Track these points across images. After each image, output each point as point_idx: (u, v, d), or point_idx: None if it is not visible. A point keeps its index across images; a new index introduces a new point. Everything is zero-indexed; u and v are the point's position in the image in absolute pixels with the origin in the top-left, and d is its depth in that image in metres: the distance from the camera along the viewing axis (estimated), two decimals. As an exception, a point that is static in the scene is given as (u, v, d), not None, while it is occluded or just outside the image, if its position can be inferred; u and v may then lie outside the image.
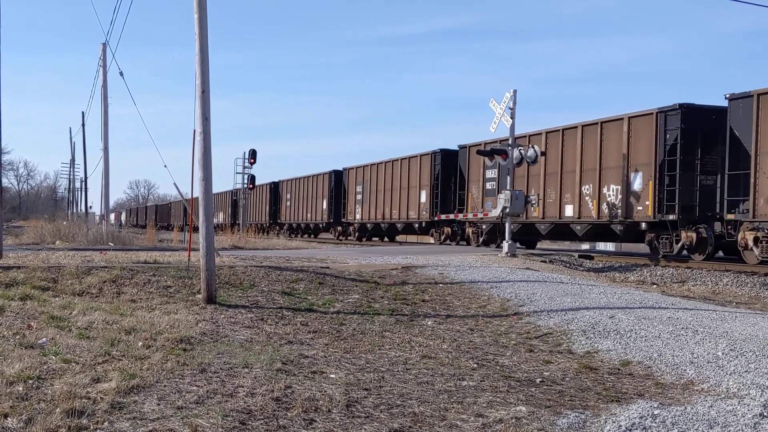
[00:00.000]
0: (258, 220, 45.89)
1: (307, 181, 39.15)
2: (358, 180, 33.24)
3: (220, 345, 6.64)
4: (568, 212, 19.72)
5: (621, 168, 17.70)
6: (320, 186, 37.35)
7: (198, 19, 9.33)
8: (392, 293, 10.25)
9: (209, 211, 9.45)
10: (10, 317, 7.47)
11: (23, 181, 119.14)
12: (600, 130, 18.47)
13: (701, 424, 4.38)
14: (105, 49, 26.58)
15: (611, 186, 18.17)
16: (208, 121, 9.31)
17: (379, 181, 31.11)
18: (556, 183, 20.17)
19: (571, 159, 19.56)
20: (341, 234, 35.50)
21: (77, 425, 4.08)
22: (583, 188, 19.14)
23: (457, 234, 25.46)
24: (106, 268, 10.71)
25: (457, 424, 4.40)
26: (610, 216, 18.13)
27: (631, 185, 17.46)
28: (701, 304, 10.60)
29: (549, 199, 20.39)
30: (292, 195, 41.60)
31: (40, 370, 5.32)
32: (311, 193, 38.50)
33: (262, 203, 46.40)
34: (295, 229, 41.53)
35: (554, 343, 7.25)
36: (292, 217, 41.31)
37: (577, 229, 19.81)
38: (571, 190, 19.60)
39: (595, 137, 18.60)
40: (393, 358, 6.40)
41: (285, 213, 42.79)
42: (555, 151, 20.01)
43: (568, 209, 19.70)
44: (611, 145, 18.13)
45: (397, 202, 29.25)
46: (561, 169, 19.86)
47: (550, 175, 20.43)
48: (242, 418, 4.36)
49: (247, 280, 10.56)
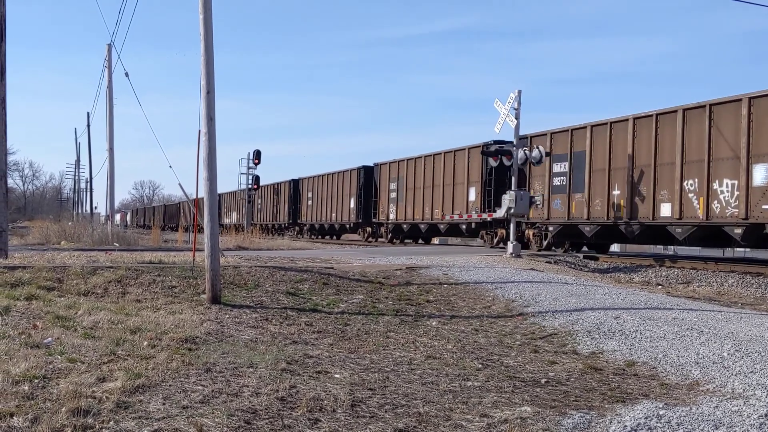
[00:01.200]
0: (276, 221, 44.13)
1: (331, 179, 36.45)
2: (392, 176, 30.27)
3: (225, 345, 6.65)
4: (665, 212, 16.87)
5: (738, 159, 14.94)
6: (347, 183, 34.53)
7: (203, 20, 9.35)
8: (397, 294, 10.25)
9: (214, 211, 9.46)
10: (15, 317, 7.48)
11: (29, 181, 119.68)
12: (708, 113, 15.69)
13: (706, 424, 4.37)
14: (110, 49, 26.66)
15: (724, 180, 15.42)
16: (213, 122, 9.33)
17: (417, 177, 28.11)
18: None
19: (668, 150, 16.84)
20: (371, 235, 32.98)
21: (83, 424, 4.09)
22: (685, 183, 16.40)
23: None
24: (111, 268, 10.74)
25: (462, 425, 4.40)
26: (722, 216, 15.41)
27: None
28: (706, 304, 10.57)
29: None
30: (314, 193, 39.00)
31: (46, 369, 5.33)
32: (336, 192, 35.79)
33: (280, 202, 43.85)
34: (318, 230, 39.48)
35: (559, 344, 7.24)
36: (314, 217, 38.74)
37: (677, 232, 16.85)
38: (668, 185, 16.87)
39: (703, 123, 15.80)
40: (398, 358, 6.40)
41: (306, 213, 40.18)
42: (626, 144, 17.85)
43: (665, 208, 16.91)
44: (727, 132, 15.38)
45: (439, 201, 26.22)
46: (654, 161, 17.17)
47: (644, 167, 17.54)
48: (247, 417, 4.37)
49: (251, 280, 10.57)
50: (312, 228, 39.98)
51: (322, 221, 37.81)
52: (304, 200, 40.71)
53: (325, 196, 37.63)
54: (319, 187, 38.36)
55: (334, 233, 39.13)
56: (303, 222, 40.87)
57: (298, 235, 40.42)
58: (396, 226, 30.19)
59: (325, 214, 37.62)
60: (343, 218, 35.10)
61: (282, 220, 43.34)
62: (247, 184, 37.80)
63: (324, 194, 37.78)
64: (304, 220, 40.59)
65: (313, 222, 39.19)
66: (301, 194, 41.38)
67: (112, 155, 26.93)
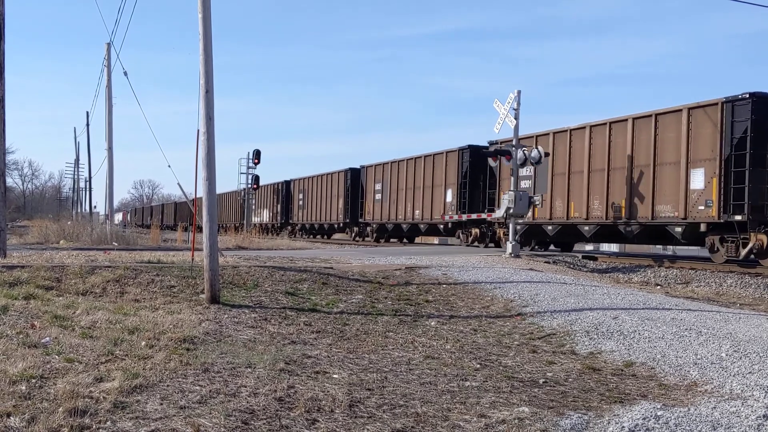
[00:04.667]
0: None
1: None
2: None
3: (224, 345, 6.65)
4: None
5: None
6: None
7: (202, 19, 9.34)
8: (396, 294, 10.25)
9: (213, 211, 9.45)
10: (13, 316, 7.47)
11: (28, 180, 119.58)
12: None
13: (704, 425, 4.36)
14: (110, 49, 26.63)
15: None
16: (212, 121, 9.32)
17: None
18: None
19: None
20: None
21: (80, 424, 4.08)
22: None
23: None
24: (109, 267, 10.73)
25: (460, 425, 4.39)
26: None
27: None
28: (705, 305, 10.57)
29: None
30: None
31: (43, 369, 5.32)
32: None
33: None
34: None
35: (557, 344, 7.24)
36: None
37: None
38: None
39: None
40: (396, 358, 6.39)
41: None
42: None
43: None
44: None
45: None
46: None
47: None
48: (245, 417, 4.36)
49: (250, 280, 10.56)
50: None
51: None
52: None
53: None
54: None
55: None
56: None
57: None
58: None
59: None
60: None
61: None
62: (247, 184, 37.79)
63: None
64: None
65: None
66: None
67: (111, 154, 26.91)
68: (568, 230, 20.70)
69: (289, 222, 42.66)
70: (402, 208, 29.55)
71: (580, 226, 19.84)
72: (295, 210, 41.92)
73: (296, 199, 41.73)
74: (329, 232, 39.53)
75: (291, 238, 38.38)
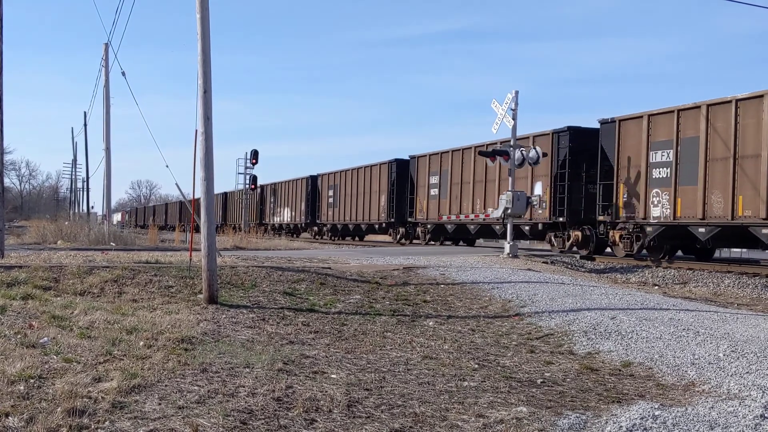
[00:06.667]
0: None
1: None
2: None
3: (222, 345, 6.65)
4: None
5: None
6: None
7: (200, 19, 9.34)
8: (394, 294, 10.25)
9: (211, 211, 9.45)
10: (12, 316, 7.47)
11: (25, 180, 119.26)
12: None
13: (702, 425, 4.37)
14: (107, 48, 26.59)
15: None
16: (210, 122, 9.32)
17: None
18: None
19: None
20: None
21: (78, 424, 4.08)
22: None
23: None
24: (107, 267, 10.72)
25: (458, 425, 4.40)
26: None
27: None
28: (703, 305, 10.59)
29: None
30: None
31: (42, 369, 5.32)
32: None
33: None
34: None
35: (555, 344, 7.25)
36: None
37: None
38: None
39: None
40: (394, 358, 6.40)
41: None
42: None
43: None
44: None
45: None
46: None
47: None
48: (243, 417, 4.36)
49: (248, 280, 10.56)
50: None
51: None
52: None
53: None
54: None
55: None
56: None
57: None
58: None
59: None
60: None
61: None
62: (245, 184, 37.81)
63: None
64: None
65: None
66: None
67: (108, 154, 26.88)
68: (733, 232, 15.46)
69: (316, 222, 38.21)
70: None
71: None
72: (323, 208, 37.09)
73: (325, 196, 36.95)
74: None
75: (318, 240, 36.16)
